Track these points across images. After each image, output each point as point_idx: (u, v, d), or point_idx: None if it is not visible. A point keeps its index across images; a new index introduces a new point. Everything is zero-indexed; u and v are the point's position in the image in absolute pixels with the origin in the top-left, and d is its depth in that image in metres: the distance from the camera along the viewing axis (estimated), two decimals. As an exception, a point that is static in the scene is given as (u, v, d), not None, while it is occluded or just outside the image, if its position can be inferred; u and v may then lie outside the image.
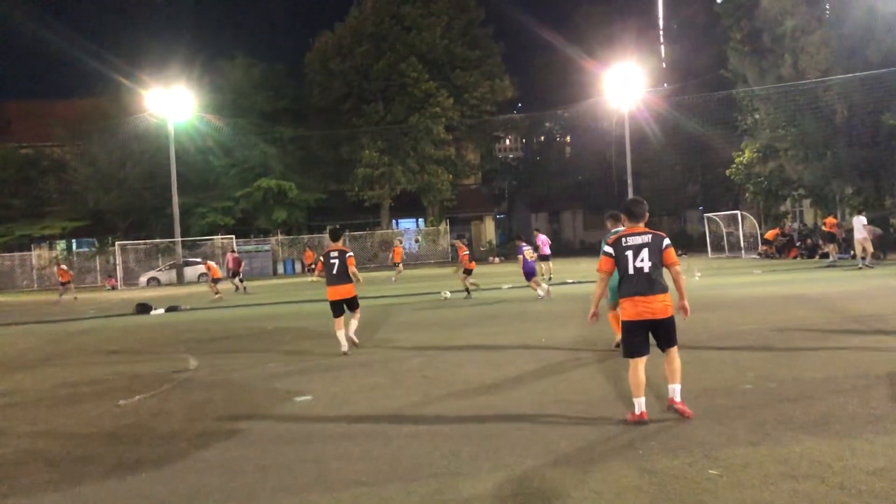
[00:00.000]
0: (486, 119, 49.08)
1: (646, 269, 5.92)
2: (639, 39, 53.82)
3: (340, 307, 10.35)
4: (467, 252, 19.87)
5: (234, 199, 44.95)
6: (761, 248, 32.57)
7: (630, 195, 39.98)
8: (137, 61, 47.54)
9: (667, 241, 6.04)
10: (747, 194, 39.41)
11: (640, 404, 5.95)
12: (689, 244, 43.12)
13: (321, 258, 10.56)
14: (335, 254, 10.28)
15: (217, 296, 24.13)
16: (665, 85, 49.66)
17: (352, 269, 10.23)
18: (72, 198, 44.43)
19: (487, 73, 48.86)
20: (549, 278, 21.85)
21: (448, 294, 19.32)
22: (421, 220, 52.98)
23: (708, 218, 36.89)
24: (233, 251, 34.95)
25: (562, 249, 49.54)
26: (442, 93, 46.38)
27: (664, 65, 54.56)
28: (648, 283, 5.92)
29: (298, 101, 49.36)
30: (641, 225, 6.14)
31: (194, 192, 42.80)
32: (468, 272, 19.24)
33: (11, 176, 44.35)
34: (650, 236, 6.01)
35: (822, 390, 6.75)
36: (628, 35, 52.93)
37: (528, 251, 17.01)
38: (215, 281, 25.43)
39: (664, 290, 5.95)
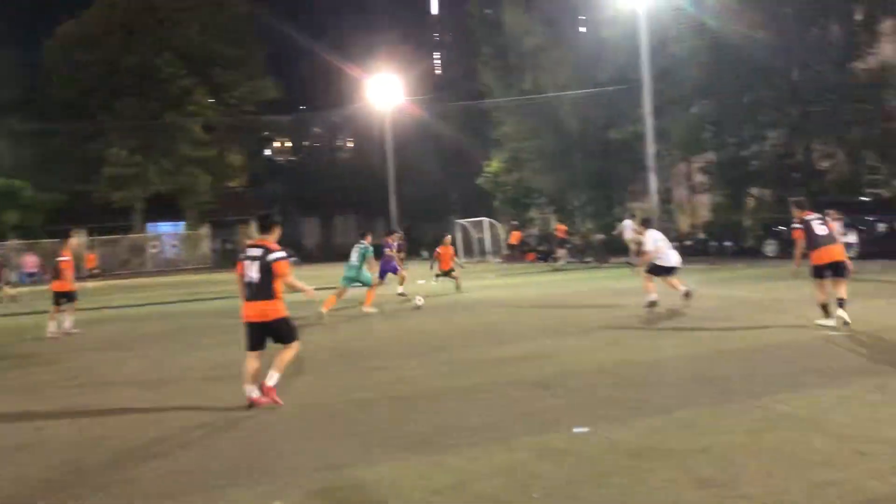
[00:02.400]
0: (245, 119, 47.62)
1: (254, 280, 6.80)
2: (411, 48, 54.87)
3: None
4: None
5: (-44, 198, 39.74)
6: (504, 252, 34.57)
7: (392, 202, 40.52)
8: None
9: (274, 256, 6.80)
10: (495, 202, 41.55)
11: (250, 390, 6.75)
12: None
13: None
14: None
15: None
16: (432, 95, 50.98)
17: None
18: None
19: (249, 72, 47.51)
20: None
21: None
22: (181, 224, 50.20)
23: (457, 224, 38.38)
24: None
25: (334, 255, 49.17)
26: (199, 90, 44.33)
27: (435, 74, 56.11)
28: (253, 292, 6.81)
29: (36, 93, 44.77)
30: (268, 238, 7.01)
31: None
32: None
33: None
34: (262, 251, 6.84)
35: (465, 402, 6.80)
36: (398, 42, 53.83)
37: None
38: None
39: (266, 297, 6.77)
